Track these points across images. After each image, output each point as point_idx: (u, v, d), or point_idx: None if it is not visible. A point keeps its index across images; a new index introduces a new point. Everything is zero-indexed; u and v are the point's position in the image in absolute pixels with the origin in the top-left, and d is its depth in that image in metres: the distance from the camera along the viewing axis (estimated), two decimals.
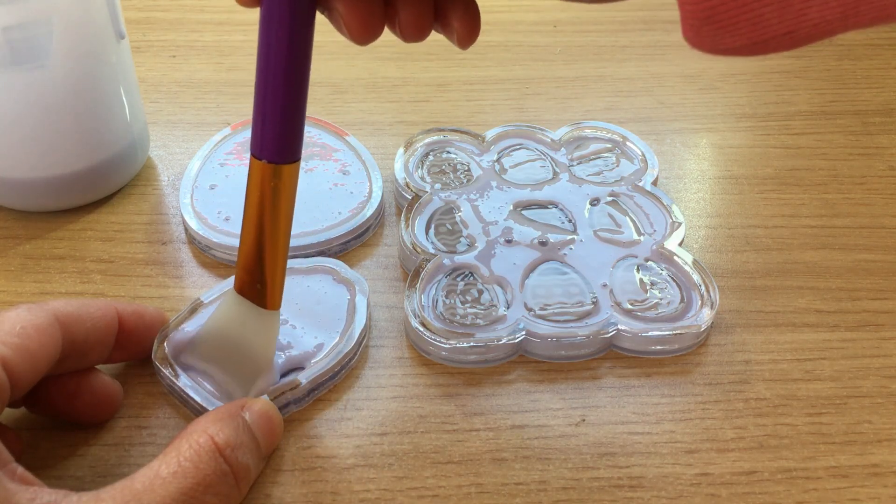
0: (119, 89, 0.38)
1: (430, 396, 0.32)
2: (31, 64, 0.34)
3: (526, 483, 0.29)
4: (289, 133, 0.26)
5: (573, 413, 0.31)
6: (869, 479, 0.29)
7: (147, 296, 0.36)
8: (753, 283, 0.37)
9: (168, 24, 0.54)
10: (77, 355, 0.28)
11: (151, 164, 0.43)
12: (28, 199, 0.39)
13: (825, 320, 0.35)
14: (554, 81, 0.49)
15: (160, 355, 0.31)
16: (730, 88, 0.49)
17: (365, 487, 0.29)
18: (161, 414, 0.31)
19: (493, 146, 0.42)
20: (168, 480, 0.24)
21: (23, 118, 0.36)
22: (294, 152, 0.27)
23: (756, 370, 0.33)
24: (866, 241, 0.39)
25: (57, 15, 0.34)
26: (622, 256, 0.36)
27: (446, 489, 0.29)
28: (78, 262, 0.37)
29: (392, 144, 0.43)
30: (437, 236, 0.37)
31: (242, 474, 0.26)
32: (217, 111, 0.46)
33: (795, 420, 0.31)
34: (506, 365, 0.33)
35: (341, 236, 0.37)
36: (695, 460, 0.30)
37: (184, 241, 0.38)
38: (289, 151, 0.26)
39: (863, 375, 0.33)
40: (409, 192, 0.39)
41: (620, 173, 0.41)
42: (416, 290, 0.34)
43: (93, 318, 0.29)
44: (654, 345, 0.33)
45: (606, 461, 0.30)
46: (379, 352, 0.34)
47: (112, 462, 0.29)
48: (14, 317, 0.26)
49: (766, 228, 0.40)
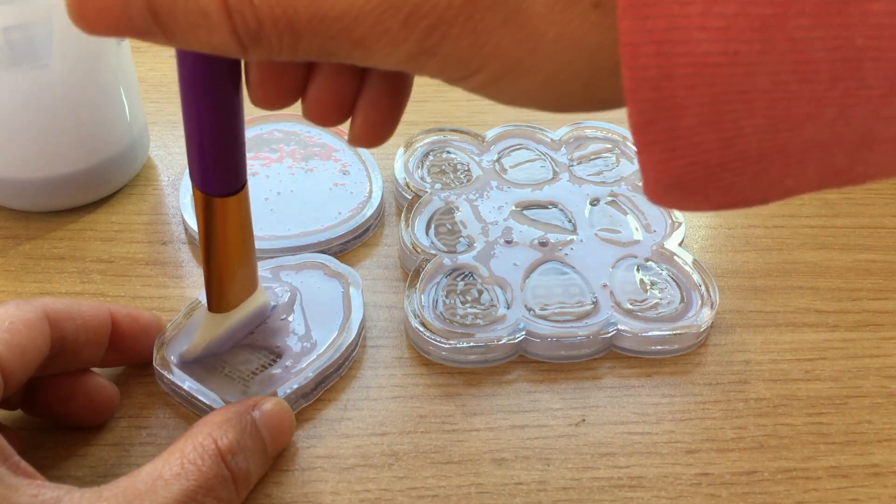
0: (119, 89, 0.38)
1: (430, 396, 0.32)
2: (31, 64, 0.34)
3: (526, 483, 0.29)
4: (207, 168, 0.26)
5: (573, 413, 0.31)
6: (869, 479, 0.29)
7: (147, 296, 0.36)
8: (753, 283, 0.37)
9: None
10: (68, 353, 0.28)
11: (151, 164, 0.43)
12: (28, 199, 0.39)
13: (825, 320, 0.35)
14: None
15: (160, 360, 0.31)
16: None
17: (365, 487, 0.29)
18: (161, 414, 0.31)
19: (493, 146, 0.42)
20: (170, 482, 0.24)
21: (23, 118, 0.36)
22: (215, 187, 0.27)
23: (756, 370, 0.33)
24: (866, 241, 0.39)
25: (57, 15, 0.34)
26: (622, 256, 0.36)
27: (446, 489, 0.29)
28: (78, 262, 0.37)
29: (392, 144, 0.43)
30: (437, 236, 0.37)
31: (242, 480, 0.26)
32: None
33: (795, 420, 0.31)
34: (506, 365, 0.33)
35: (341, 236, 0.37)
36: (695, 460, 0.30)
37: (184, 241, 0.38)
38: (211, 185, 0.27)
39: (863, 375, 0.33)
40: (409, 192, 0.39)
41: (620, 173, 0.41)
42: (416, 290, 0.34)
43: (83, 316, 0.29)
44: (654, 345, 0.33)
45: (606, 461, 0.30)
46: (379, 352, 0.34)
47: (112, 462, 0.29)
48: (2, 313, 0.26)
49: (766, 228, 0.40)
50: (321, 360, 0.31)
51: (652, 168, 0.19)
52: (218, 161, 0.26)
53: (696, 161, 0.18)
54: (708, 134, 0.17)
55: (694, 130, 0.17)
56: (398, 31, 0.19)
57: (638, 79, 0.17)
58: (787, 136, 0.17)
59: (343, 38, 0.19)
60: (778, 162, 0.18)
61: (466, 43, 0.19)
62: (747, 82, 0.17)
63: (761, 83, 0.17)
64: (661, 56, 0.17)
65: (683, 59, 0.17)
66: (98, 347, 0.30)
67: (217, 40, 0.19)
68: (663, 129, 0.18)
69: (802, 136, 0.17)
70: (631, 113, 0.18)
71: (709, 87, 0.17)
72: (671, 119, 0.17)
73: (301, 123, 0.43)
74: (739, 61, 0.16)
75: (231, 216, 0.28)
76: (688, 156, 0.18)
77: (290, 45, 0.19)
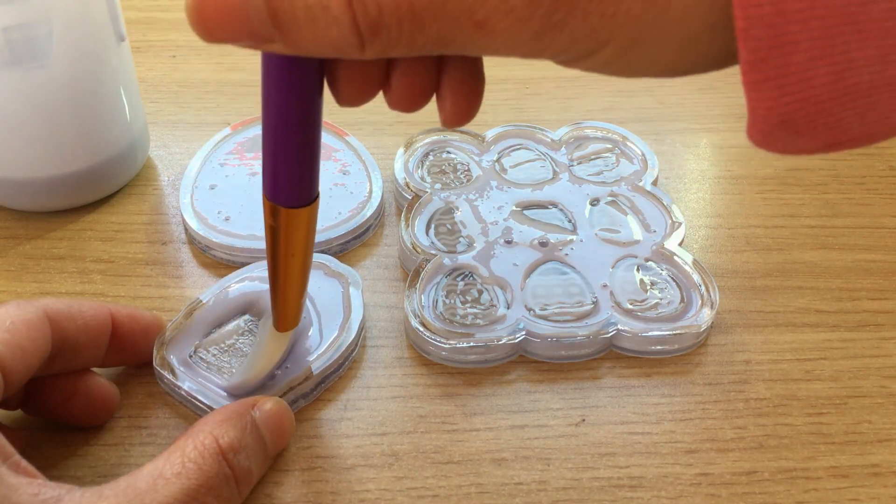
0: (119, 89, 0.38)
1: (430, 396, 0.32)
2: (31, 64, 0.34)
3: (526, 483, 0.29)
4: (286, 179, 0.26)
5: (573, 413, 0.31)
6: (869, 479, 0.29)
7: (147, 296, 0.36)
8: (753, 283, 0.37)
9: (168, 24, 0.54)
10: (69, 353, 0.28)
11: (151, 164, 0.43)
12: (28, 199, 0.39)
13: (825, 320, 0.35)
14: (554, 81, 0.49)
15: (160, 360, 0.31)
16: (730, 88, 0.49)
17: (365, 487, 0.29)
18: (161, 414, 0.31)
19: (493, 146, 0.42)
20: (171, 481, 0.24)
21: (23, 118, 0.36)
22: (290, 198, 0.26)
23: (756, 370, 0.33)
24: (866, 241, 0.39)
25: (57, 15, 0.34)
26: (622, 256, 0.36)
27: (446, 489, 0.29)
28: (78, 262, 0.37)
29: (392, 144, 0.43)
30: (437, 236, 0.37)
31: (243, 478, 0.26)
32: (217, 111, 0.46)
33: (795, 420, 0.31)
34: (506, 365, 0.33)
35: (341, 236, 0.37)
36: (695, 460, 0.30)
37: (184, 241, 0.38)
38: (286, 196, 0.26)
39: (863, 375, 0.33)
40: (409, 192, 0.39)
41: (620, 173, 0.41)
42: (416, 290, 0.34)
43: (84, 316, 0.29)
44: (654, 345, 0.33)
45: (606, 461, 0.30)
46: (379, 352, 0.34)
47: (112, 462, 0.29)
48: (3, 313, 0.26)
49: (766, 228, 0.40)
50: (321, 360, 0.31)
51: (761, 107, 0.18)
52: (297, 170, 0.25)
53: (807, 97, 0.18)
54: (820, 69, 0.17)
55: (805, 66, 0.17)
56: (523, 7, 0.18)
57: (751, 17, 0.17)
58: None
59: (465, 21, 0.19)
60: (887, 95, 0.18)
61: (597, 12, 0.18)
62: (860, 12, 0.17)
63: (874, 12, 0.17)
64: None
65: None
66: (98, 348, 0.30)
67: (336, 34, 0.19)
68: (775, 66, 0.18)
69: None
70: (742, 51, 0.18)
71: (821, 20, 0.17)
72: (783, 56, 0.17)
73: None
74: None
75: (302, 228, 0.27)
76: (799, 91, 0.18)
77: (410, 35, 0.19)
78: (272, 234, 0.27)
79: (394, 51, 0.20)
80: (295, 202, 0.26)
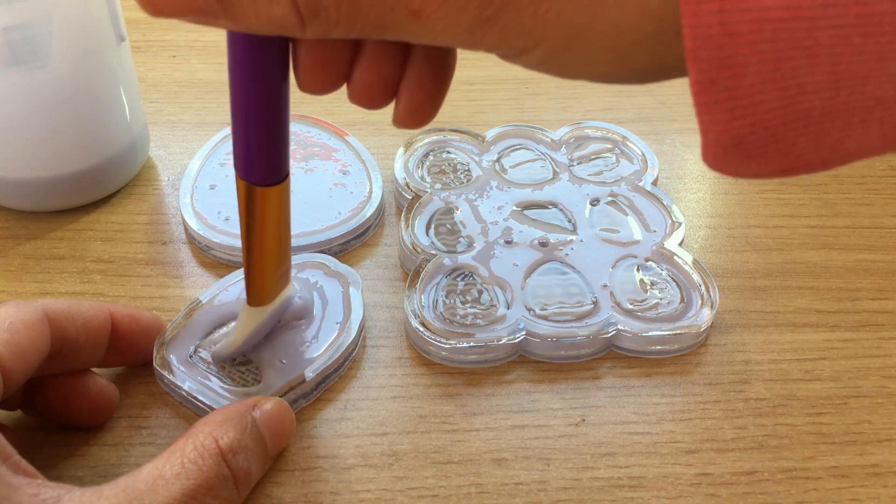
0: (119, 89, 0.38)
1: (430, 396, 0.32)
2: (31, 64, 0.34)
3: (526, 483, 0.29)
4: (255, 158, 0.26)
5: (573, 413, 0.31)
6: (869, 479, 0.29)
7: (147, 296, 0.36)
8: (753, 283, 0.37)
9: (168, 24, 0.54)
10: (68, 353, 0.28)
11: (151, 164, 0.43)
12: (28, 199, 0.39)
13: (825, 320, 0.35)
14: (554, 81, 0.49)
15: (160, 360, 0.31)
16: None
17: (365, 487, 0.29)
18: (161, 414, 0.31)
19: (493, 146, 0.42)
20: (171, 481, 0.24)
21: (23, 118, 0.36)
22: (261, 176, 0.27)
23: (756, 370, 0.33)
24: (866, 241, 0.39)
25: (57, 15, 0.34)
26: (622, 256, 0.36)
27: (446, 489, 0.29)
28: (78, 262, 0.37)
29: (392, 144, 0.43)
30: (437, 236, 0.37)
31: (243, 479, 0.26)
32: (217, 111, 0.46)
33: (795, 420, 0.31)
34: (506, 365, 0.33)
35: (341, 236, 0.37)
36: (695, 460, 0.30)
37: (184, 241, 0.38)
38: (257, 174, 0.27)
39: (863, 375, 0.33)
40: (409, 192, 0.39)
41: (620, 173, 0.41)
42: (416, 290, 0.34)
43: (83, 316, 0.29)
44: (654, 345, 0.33)
45: (606, 461, 0.30)
46: (379, 352, 0.34)
47: (112, 462, 0.29)
48: (2, 313, 0.26)
49: (766, 228, 0.40)
50: (321, 360, 0.31)
51: (712, 129, 0.18)
52: (263, 149, 0.26)
53: (758, 121, 0.18)
54: (770, 92, 0.17)
55: (755, 89, 0.17)
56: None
57: (699, 37, 0.17)
58: (848, 93, 0.17)
59: (401, 9, 0.19)
60: (839, 122, 0.18)
61: (528, 11, 0.18)
62: (810, 37, 0.16)
63: (824, 38, 0.16)
64: (723, 13, 0.16)
65: (745, 15, 0.16)
66: (98, 348, 0.30)
67: (277, 13, 0.19)
68: (724, 88, 0.17)
69: (864, 93, 0.17)
70: (692, 72, 0.17)
71: (771, 43, 0.17)
72: (733, 78, 0.17)
73: (300, 123, 0.43)
74: (802, 16, 0.16)
75: (273, 206, 0.28)
76: (749, 115, 0.18)
77: (348, 17, 0.19)
78: (245, 211, 0.28)
79: (334, 31, 0.20)
80: (265, 180, 0.27)
